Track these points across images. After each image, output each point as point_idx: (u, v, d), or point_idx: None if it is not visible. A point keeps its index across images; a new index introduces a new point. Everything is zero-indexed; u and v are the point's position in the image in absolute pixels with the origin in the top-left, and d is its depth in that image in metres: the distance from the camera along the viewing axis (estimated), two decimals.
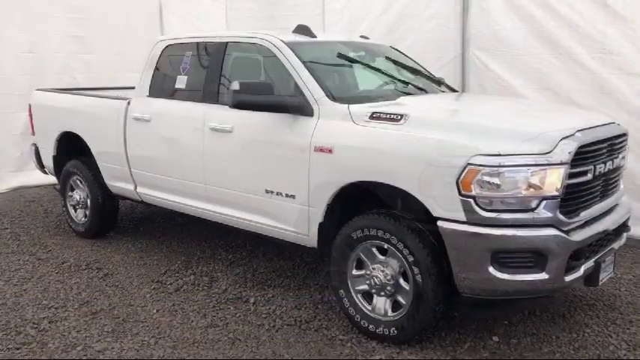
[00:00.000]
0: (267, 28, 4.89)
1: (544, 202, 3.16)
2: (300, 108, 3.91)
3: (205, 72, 4.65)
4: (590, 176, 3.34)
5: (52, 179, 7.90)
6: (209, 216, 4.74)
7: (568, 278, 3.23)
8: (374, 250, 3.65)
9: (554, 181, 3.12)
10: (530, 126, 3.45)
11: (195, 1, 9.69)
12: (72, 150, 6.07)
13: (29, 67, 8.05)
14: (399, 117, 3.54)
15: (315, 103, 3.90)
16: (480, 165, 3.12)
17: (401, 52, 5.17)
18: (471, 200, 3.15)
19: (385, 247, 3.57)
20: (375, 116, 3.63)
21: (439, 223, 3.28)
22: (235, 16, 8.99)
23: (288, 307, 4.22)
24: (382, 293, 3.63)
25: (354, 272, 3.77)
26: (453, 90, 5.03)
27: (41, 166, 6.49)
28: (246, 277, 4.79)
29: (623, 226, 3.81)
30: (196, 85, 4.73)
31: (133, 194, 5.39)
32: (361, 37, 5.24)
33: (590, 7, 5.53)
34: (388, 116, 3.59)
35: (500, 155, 3.11)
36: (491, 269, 3.18)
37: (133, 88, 7.15)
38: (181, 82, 4.84)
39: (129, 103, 5.20)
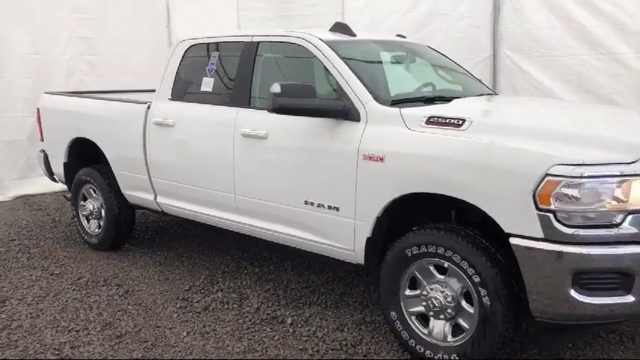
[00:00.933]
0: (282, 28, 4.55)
1: (629, 216, 2.83)
2: (345, 112, 3.58)
3: (235, 74, 4.31)
4: None
5: (57, 187, 7.57)
6: (238, 228, 4.40)
7: None
8: (431, 268, 3.32)
9: None
10: (612, 133, 3.14)
11: (204, 2, 9.34)
12: (84, 157, 5.73)
13: (34, 70, 7.70)
14: (461, 122, 3.22)
15: (362, 107, 3.57)
16: (561, 176, 2.80)
17: (439, 52, 4.84)
18: (550, 215, 2.83)
19: (445, 265, 3.24)
20: (432, 121, 3.31)
21: (512, 240, 2.95)
22: (247, 16, 8.64)
23: (329, 328, 3.89)
24: (441, 316, 3.29)
25: (408, 292, 3.44)
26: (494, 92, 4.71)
27: (50, 174, 6.14)
28: (277, 294, 4.45)
29: None
30: (225, 88, 4.41)
31: (153, 204, 5.05)
32: (398, 35, 4.91)
33: (636, 3, 5.22)
34: (448, 121, 3.26)
35: (583, 165, 2.79)
36: (571, 292, 2.86)
37: (147, 91, 6.95)
38: (208, 84, 4.50)
39: (149, 107, 4.85)
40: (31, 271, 5.00)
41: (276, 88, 3.52)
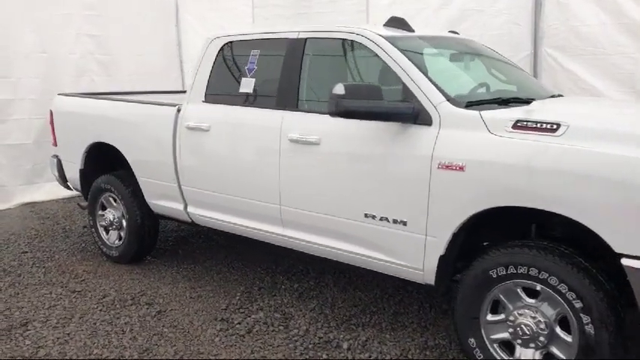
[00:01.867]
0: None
1: None
2: (414, 116, 3.21)
3: (280, 73, 3.93)
4: None
5: (64, 193, 7.24)
6: (283, 242, 4.03)
7: None
8: (519, 291, 2.95)
9: None
10: None
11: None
12: (102, 163, 5.33)
13: (42, 70, 7.26)
14: (555, 126, 2.86)
15: (433, 110, 3.21)
16: None
17: (493, 50, 4.48)
18: None
19: (537, 288, 2.87)
20: (520, 125, 2.94)
21: (624, 261, 2.60)
22: (262, 14, 8.23)
23: (391, 354, 3.53)
24: (531, 344, 2.94)
25: (490, 317, 3.07)
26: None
27: (64, 181, 5.72)
28: (325, 314, 4.08)
29: None
30: (268, 89, 4.02)
31: (182, 214, 4.66)
32: (450, 32, 4.54)
33: None
34: (539, 125, 2.90)
35: None
36: None
37: (165, 92, 6.57)
38: (247, 85, 4.11)
39: (179, 110, 4.46)
40: (50, 288, 4.59)
41: (339, 89, 3.14)
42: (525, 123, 2.94)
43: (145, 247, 5.14)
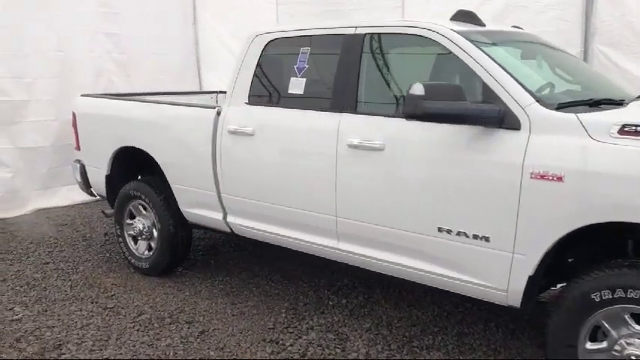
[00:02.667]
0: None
1: None
2: (500, 119, 2.86)
3: (335, 73, 3.59)
4: None
5: (81, 198, 6.95)
6: (338, 257, 3.69)
7: None
8: (627, 317, 2.61)
9: None
10: None
11: None
12: (128, 168, 5.01)
13: (58, 69, 6.91)
14: None
15: (522, 113, 2.87)
16: None
17: (562, 48, 4.15)
18: None
19: None
20: (629, 130, 2.61)
21: None
22: (287, 11, 7.88)
23: None
24: None
25: (589, 346, 2.73)
26: None
27: (87, 187, 5.38)
28: (382, 334, 3.75)
29: None
30: (321, 90, 3.69)
31: (220, 224, 4.32)
32: (513, 27, 4.19)
33: None
34: None
35: None
36: None
37: (193, 92, 6.25)
38: (297, 85, 3.77)
39: (219, 113, 4.12)
40: (80, 304, 4.25)
41: (418, 89, 2.81)
42: (634, 128, 2.59)
43: (178, 258, 4.81)
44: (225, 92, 6.41)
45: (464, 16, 3.50)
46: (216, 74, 8.40)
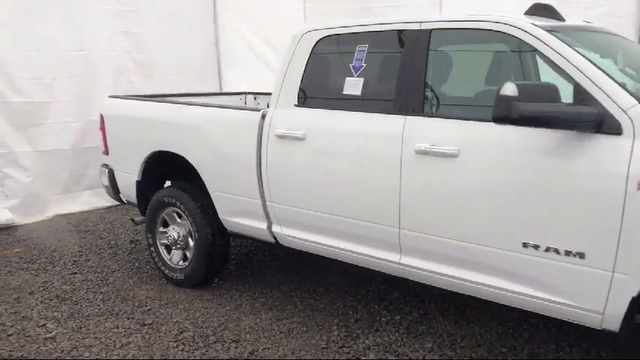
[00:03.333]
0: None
1: None
2: (599, 122, 2.57)
3: (398, 72, 3.30)
4: None
5: (101, 203, 6.74)
6: (400, 272, 3.40)
7: None
8: None
9: None
10: None
11: None
12: (160, 174, 4.74)
13: (79, 70, 6.63)
14: None
15: (623, 116, 2.58)
16: None
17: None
18: None
19: None
20: None
21: None
22: (316, 8, 7.59)
23: None
24: None
25: None
26: None
27: (116, 193, 5.10)
28: (447, 355, 3.46)
29: None
30: (381, 91, 3.41)
31: (264, 234, 4.04)
32: (584, 22, 3.89)
33: None
34: None
35: None
36: None
37: (225, 93, 5.97)
38: (353, 86, 3.48)
39: (264, 116, 3.83)
40: (116, 320, 3.97)
41: (511, 89, 2.51)
42: None
43: (215, 268, 4.53)
44: (253, 93, 6.22)
45: (541, 11, 3.21)
46: (237, 73, 8.14)
